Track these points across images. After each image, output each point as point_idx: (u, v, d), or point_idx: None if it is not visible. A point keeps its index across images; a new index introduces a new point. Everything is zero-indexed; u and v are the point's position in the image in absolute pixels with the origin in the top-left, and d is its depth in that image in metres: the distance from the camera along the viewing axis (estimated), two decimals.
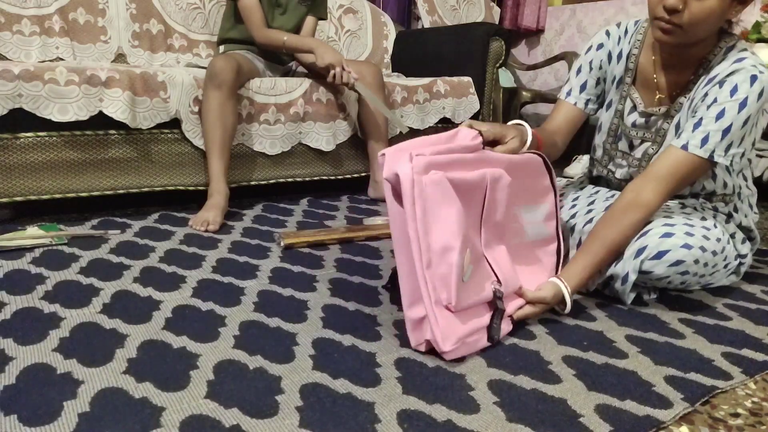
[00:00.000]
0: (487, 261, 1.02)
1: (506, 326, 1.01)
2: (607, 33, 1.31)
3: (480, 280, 0.98)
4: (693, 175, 1.11)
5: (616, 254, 1.13)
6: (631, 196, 1.12)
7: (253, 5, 1.93)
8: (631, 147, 1.30)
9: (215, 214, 1.64)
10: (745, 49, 1.12)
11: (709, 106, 1.09)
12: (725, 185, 1.23)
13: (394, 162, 0.92)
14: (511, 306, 1.04)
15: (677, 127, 1.19)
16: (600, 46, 1.32)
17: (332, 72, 1.88)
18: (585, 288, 1.18)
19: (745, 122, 1.07)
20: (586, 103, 1.35)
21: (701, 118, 1.09)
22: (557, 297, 1.07)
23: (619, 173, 1.33)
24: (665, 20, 1.06)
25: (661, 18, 1.07)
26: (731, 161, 1.09)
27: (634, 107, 1.27)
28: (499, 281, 1.00)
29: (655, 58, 1.22)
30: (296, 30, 2.09)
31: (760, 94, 1.06)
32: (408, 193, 0.90)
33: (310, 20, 2.12)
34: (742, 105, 1.06)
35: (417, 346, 0.93)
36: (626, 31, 1.29)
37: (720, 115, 1.08)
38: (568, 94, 1.35)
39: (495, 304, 0.99)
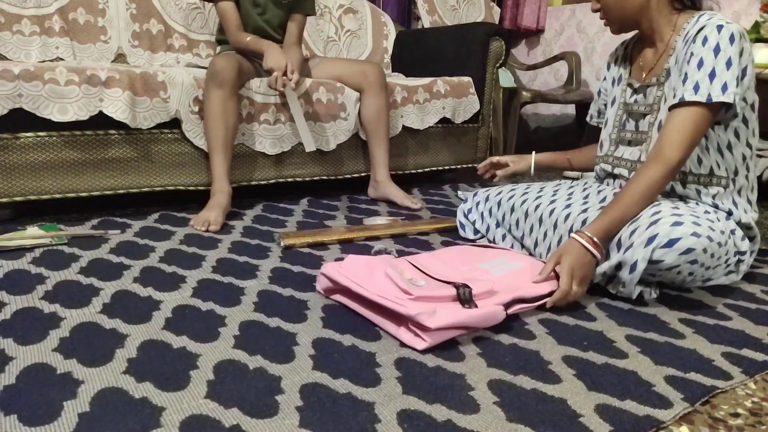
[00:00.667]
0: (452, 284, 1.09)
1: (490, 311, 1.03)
2: (608, 65, 1.50)
3: (440, 287, 1.06)
4: (702, 126, 1.16)
5: (639, 207, 1.16)
6: (652, 154, 1.18)
7: (227, 8, 1.92)
8: (637, 126, 1.36)
9: (217, 213, 1.64)
10: (715, 13, 1.21)
11: (689, 61, 1.18)
12: (719, 165, 1.25)
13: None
14: (495, 299, 1.07)
15: (673, 91, 1.25)
16: (604, 78, 1.53)
17: (273, 75, 1.82)
18: (606, 243, 1.19)
19: (729, 63, 1.14)
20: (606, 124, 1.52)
21: (686, 73, 1.18)
22: (569, 250, 1.13)
23: (628, 153, 1.37)
24: (601, 18, 1.31)
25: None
26: (734, 99, 1.14)
27: (632, 87, 1.37)
28: (465, 285, 1.07)
29: (639, 47, 1.39)
30: (282, 30, 2.06)
31: (731, 38, 1.15)
32: (335, 278, 1.09)
33: (295, 18, 2.05)
34: (716, 50, 1.15)
35: (414, 344, 0.95)
36: (624, 43, 1.48)
37: (700, 64, 1.16)
38: (598, 121, 1.59)
39: (458, 294, 1.04)
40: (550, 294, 1.13)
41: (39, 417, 0.73)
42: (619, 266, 1.16)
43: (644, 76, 1.34)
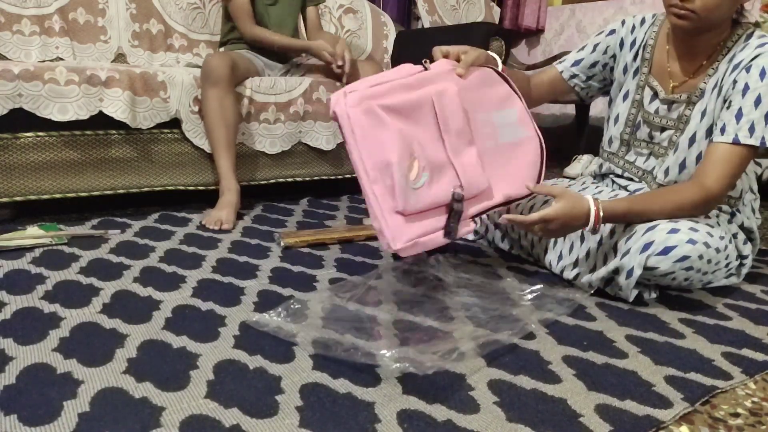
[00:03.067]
0: (454, 167, 1.11)
1: (466, 227, 1.11)
2: (623, 22, 1.37)
3: (441, 185, 1.08)
4: (746, 164, 1.14)
5: (657, 214, 1.13)
6: (696, 180, 1.15)
7: (242, 3, 1.96)
8: (652, 135, 1.31)
9: (228, 212, 1.64)
10: (764, 35, 1.15)
11: (744, 94, 1.12)
12: (733, 186, 1.23)
13: (334, 103, 1.08)
14: (474, 208, 1.11)
15: (703, 113, 1.21)
16: (612, 32, 1.37)
17: (330, 61, 1.90)
18: (614, 223, 1.18)
19: None
20: (571, 77, 1.41)
21: (740, 108, 1.12)
22: (576, 205, 1.10)
23: (641, 162, 1.33)
24: (679, 6, 1.11)
25: (674, 5, 1.12)
26: None
27: (656, 95, 1.29)
28: (461, 186, 1.09)
29: (668, 48, 1.27)
30: (295, 22, 2.10)
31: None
32: (345, 126, 1.05)
33: (311, 12, 2.12)
34: (760, 101, 1.10)
35: (384, 251, 1.00)
36: (643, 21, 1.34)
37: (758, 102, 1.11)
38: (561, 61, 1.44)
39: (452, 206, 1.07)
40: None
41: (39, 417, 0.73)
42: (616, 270, 1.16)
43: (672, 87, 1.26)
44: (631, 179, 1.35)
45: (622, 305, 1.17)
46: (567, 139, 3.36)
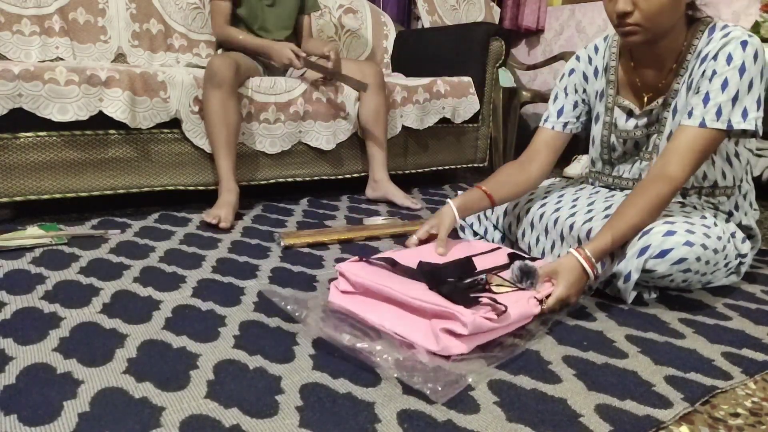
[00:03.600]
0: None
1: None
2: (577, 57, 1.39)
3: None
4: (712, 148, 1.13)
5: (639, 228, 1.12)
6: (655, 171, 1.14)
7: (222, 5, 1.99)
8: (637, 146, 1.31)
9: (227, 211, 1.65)
10: (727, 25, 1.15)
11: (711, 79, 1.12)
12: (724, 176, 1.23)
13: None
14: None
15: (674, 110, 1.21)
16: (571, 71, 1.39)
17: (291, 64, 1.89)
18: (600, 266, 1.15)
19: (750, 86, 1.10)
20: (564, 126, 1.40)
21: (707, 92, 1.12)
22: (572, 270, 1.07)
23: (628, 173, 1.35)
24: (623, 24, 1.11)
25: (619, 24, 1.12)
26: (755, 125, 1.11)
27: (631, 112, 1.30)
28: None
29: (633, 63, 1.27)
30: (292, 25, 2.10)
31: (755, 56, 1.10)
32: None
33: (304, 19, 2.14)
34: (742, 70, 1.09)
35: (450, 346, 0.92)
36: (596, 49, 1.36)
37: (724, 85, 1.10)
38: (546, 120, 1.41)
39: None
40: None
41: (39, 417, 0.73)
42: (614, 274, 1.16)
43: (646, 99, 1.27)
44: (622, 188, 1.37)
45: (622, 305, 1.17)
46: None
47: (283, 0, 2.07)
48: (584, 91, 1.39)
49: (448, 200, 1.30)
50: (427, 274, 1.06)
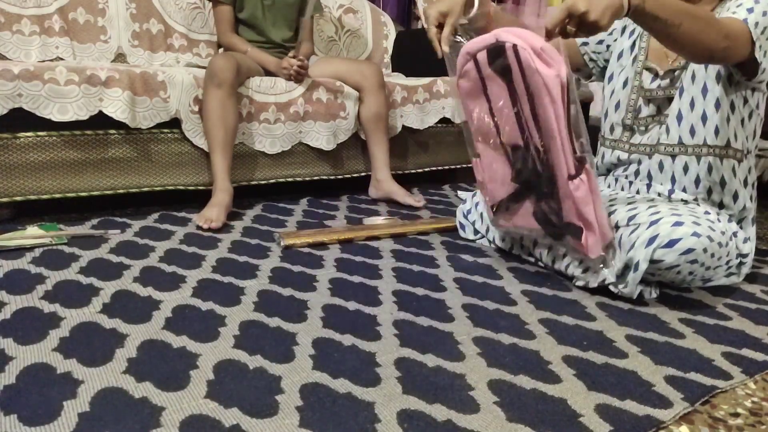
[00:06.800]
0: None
1: None
2: (622, 29, 1.42)
3: None
4: (739, 41, 1.09)
5: (688, 24, 1.03)
6: (723, 19, 1.11)
7: (225, 11, 2.04)
8: (660, 109, 1.33)
9: (219, 211, 1.64)
10: None
11: (729, 7, 1.15)
12: (736, 137, 1.25)
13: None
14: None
15: (693, 74, 1.24)
16: (612, 39, 1.44)
17: (286, 73, 1.94)
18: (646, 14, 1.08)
19: (765, 27, 1.11)
20: (583, 44, 1.47)
21: (734, 13, 1.13)
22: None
23: (646, 139, 1.34)
24: None
25: None
26: (764, 56, 1.13)
27: (656, 75, 1.32)
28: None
29: None
30: (293, 25, 2.10)
31: (764, 12, 1.12)
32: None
33: (303, 22, 2.13)
34: (752, 10, 1.12)
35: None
36: None
37: (741, 5, 1.13)
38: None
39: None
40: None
41: (39, 417, 0.73)
42: (626, 266, 1.16)
43: (671, 61, 1.30)
44: (631, 181, 1.36)
45: (622, 305, 1.18)
46: None
47: (284, 0, 2.07)
48: (615, 40, 1.43)
49: None
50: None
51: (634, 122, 1.36)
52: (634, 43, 1.38)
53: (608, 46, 1.45)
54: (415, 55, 2.68)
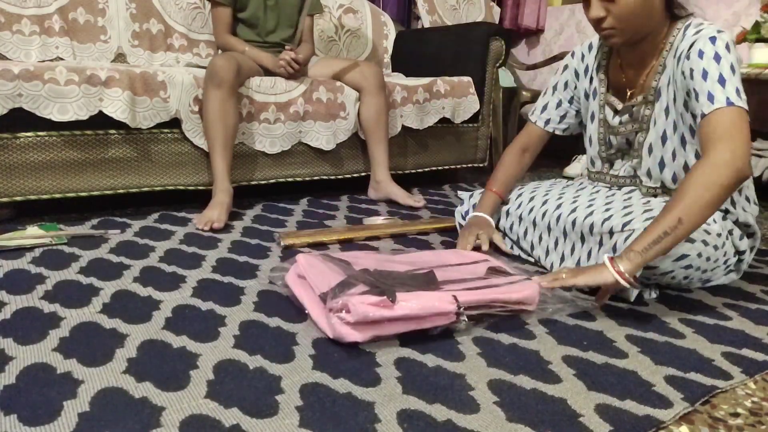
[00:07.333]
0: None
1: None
2: (572, 54, 1.43)
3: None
4: (743, 122, 1.06)
5: (695, 221, 1.01)
6: (703, 161, 1.04)
7: (222, 12, 2.02)
8: (629, 143, 1.33)
9: (220, 212, 1.64)
10: (702, 22, 1.16)
11: (692, 78, 1.11)
12: (734, 204, 1.23)
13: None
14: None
15: (666, 111, 1.22)
16: (566, 67, 1.44)
17: (283, 71, 1.94)
18: (646, 266, 1.09)
19: (732, 68, 1.09)
20: (546, 123, 1.47)
21: (694, 90, 1.11)
22: (594, 274, 1.06)
23: (623, 171, 1.35)
24: (600, 29, 1.16)
25: (596, 28, 1.17)
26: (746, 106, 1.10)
27: (615, 110, 1.32)
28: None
29: (620, 62, 1.30)
30: (294, 24, 2.10)
31: (727, 47, 1.10)
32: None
33: (305, 20, 2.14)
34: (717, 58, 1.09)
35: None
36: (590, 47, 1.40)
37: (704, 75, 1.09)
38: (532, 113, 1.50)
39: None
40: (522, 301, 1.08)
41: (39, 417, 0.73)
42: None
43: (628, 95, 1.29)
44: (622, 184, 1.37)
45: (622, 305, 1.17)
46: (566, 139, 3.36)
47: (286, 0, 2.07)
48: (575, 87, 1.42)
49: (477, 213, 1.46)
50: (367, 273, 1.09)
51: (608, 155, 1.38)
52: (591, 79, 1.37)
53: (570, 100, 1.44)
54: (415, 55, 2.68)
